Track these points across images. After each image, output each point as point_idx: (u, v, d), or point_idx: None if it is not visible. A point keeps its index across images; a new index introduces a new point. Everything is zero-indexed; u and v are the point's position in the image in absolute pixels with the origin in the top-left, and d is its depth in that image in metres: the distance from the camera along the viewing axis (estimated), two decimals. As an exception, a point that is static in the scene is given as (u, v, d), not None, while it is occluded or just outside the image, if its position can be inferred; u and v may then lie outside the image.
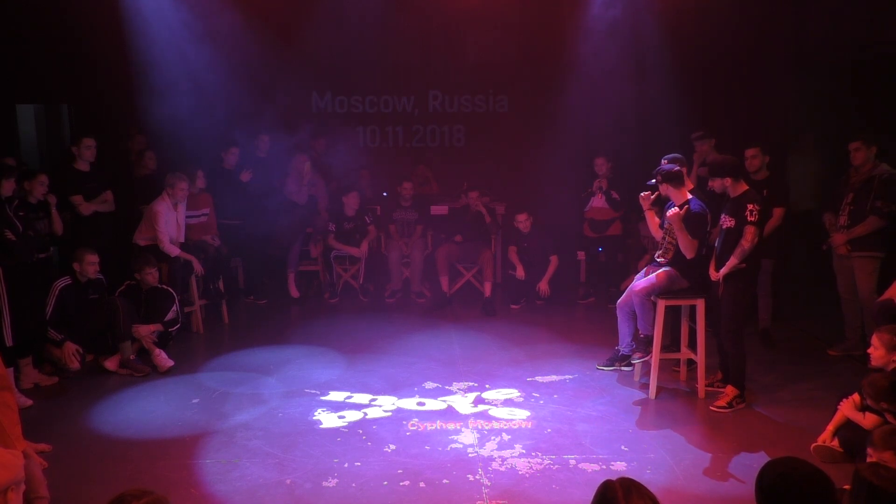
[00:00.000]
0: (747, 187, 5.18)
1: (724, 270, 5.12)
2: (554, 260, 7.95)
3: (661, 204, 5.63)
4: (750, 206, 5.00)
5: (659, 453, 4.53)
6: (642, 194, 5.56)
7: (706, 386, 5.44)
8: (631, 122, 8.38)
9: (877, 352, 4.37)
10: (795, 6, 7.35)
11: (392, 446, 4.61)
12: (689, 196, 5.37)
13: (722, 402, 5.18)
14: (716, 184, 5.19)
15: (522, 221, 7.89)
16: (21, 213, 5.73)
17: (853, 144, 5.89)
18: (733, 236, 5.10)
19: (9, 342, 5.22)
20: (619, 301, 5.70)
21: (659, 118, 7.94)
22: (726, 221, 5.19)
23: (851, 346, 6.17)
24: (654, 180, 5.50)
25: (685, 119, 7.60)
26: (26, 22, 8.12)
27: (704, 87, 7.87)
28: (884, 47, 6.93)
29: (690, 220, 5.26)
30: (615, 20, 8.08)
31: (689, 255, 5.28)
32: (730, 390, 5.22)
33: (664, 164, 5.60)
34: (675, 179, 5.39)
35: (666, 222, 5.45)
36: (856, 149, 5.87)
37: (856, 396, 4.30)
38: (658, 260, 5.53)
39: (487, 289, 7.95)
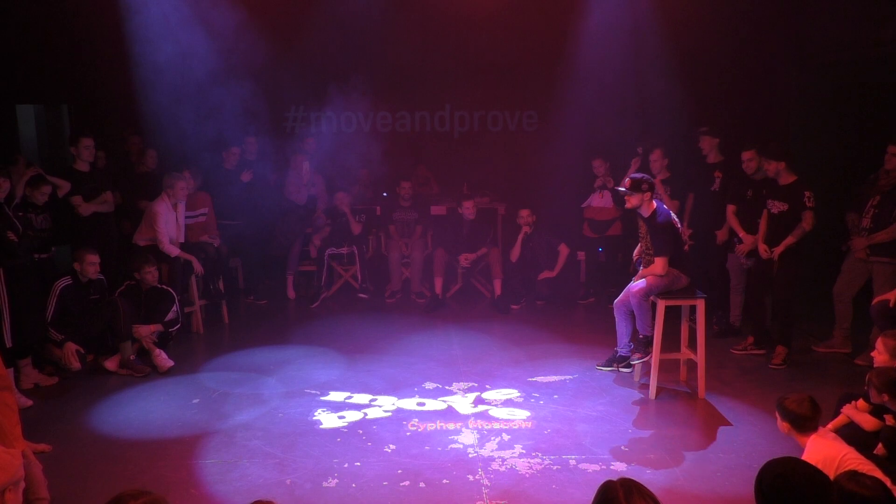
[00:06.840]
0: (797, 177, 5.84)
1: (779, 249, 5.85)
2: (563, 248, 7.95)
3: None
4: (807, 193, 5.74)
5: (659, 453, 4.53)
6: None
7: (740, 351, 6.25)
8: (632, 122, 8.39)
9: (880, 356, 4.32)
10: (798, 6, 7.35)
11: (392, 446, 4.61)
12: (656, 205, 5.34)
13: (778, 360, 5.97)
14: (771, 166, 5.87)
15: (525, 217, 7.89)
16: (20, 214, 5.73)
17: (893, 148, 5.74)
18: (786, 219, 5.84)
19: (8, 343, 5.22)
20: (615, 301, 5.70)
21: (660, 118, 7.95)
22: (775, 206, 5.91)
23: (836, 343, 6.26)
24: (622, 187, 5.40)
25: (686, 119, 7.60)
26: (26, 22, 8.14)
27: (705, 87, 7.87)
28: (886, 47, 6.93)
29: (658, 231, 5.25)
30: (617, 21, 8.08)
31: (658, 270, 5.27)
32: (781, 349, 5.98)
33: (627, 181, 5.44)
34: (640, 189, 5.27)
35: (640, 230, 5.50)
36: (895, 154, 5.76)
37: (860, 402, 4.27)
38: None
39: (497, 286, 7.93)
